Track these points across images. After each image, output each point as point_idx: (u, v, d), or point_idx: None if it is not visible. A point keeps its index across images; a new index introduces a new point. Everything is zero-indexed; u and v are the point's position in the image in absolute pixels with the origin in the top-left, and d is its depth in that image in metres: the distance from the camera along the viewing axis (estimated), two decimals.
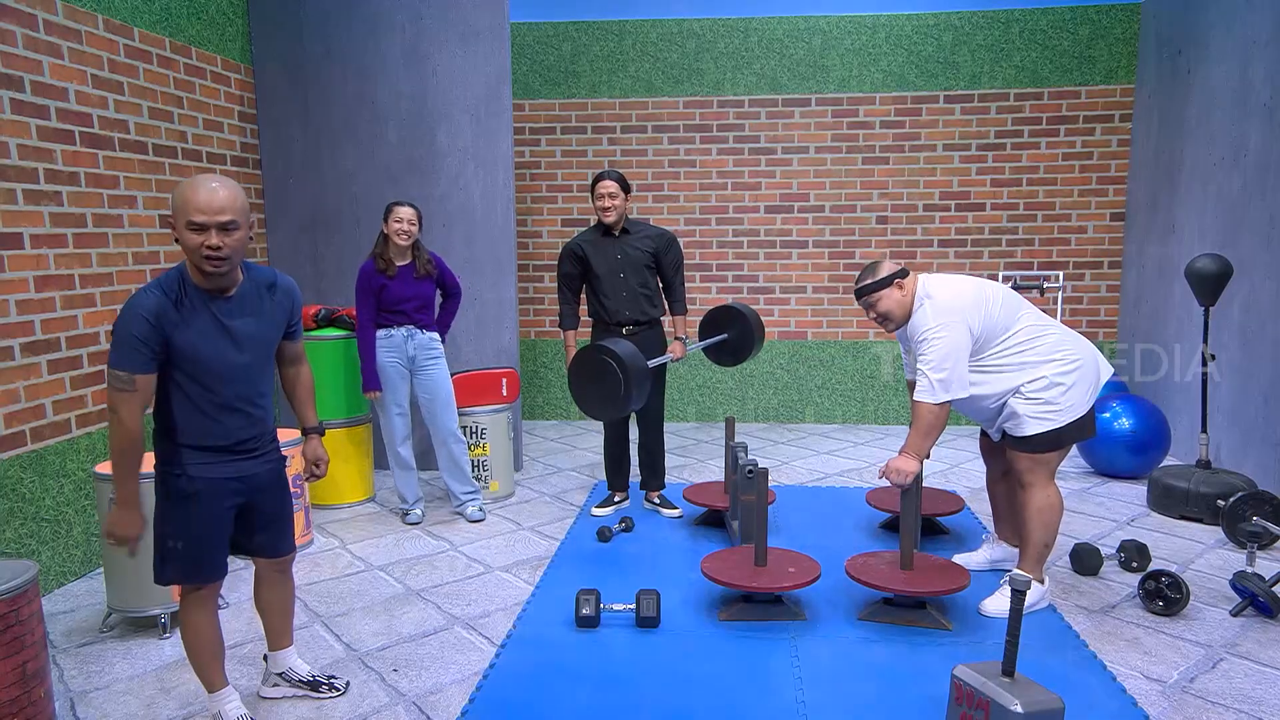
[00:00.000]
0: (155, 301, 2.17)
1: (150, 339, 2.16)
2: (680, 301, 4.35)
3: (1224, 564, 3.75)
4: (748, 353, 4.50)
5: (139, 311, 2.15)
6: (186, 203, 2.13)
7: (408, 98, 5.09)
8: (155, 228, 4.24)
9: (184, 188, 2.16)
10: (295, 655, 2.80)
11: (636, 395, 3.52)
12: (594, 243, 4.23)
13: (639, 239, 4.22)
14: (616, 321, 4.22)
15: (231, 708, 2.51)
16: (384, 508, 4.71)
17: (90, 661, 2.99)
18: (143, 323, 2.15)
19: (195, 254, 2.16)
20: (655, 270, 4.27)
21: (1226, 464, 4.84)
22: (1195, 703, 2.65)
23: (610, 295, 4.20)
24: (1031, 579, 2.51)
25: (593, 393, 3.58)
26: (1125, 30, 6.13)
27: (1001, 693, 2.27)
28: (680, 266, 4.32)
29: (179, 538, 2.33)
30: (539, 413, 6.87)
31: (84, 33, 3.78)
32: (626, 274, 4.19)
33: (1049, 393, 3.11)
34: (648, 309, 4.24)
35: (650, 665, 2.90)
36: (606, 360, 3.49)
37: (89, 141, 3.81)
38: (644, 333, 4.24)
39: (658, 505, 4.51)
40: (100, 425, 3.86)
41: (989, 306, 3.15)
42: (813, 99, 6.38)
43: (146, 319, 2.15)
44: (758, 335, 4.48)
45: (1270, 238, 4.59)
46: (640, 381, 3.53)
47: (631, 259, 4.19)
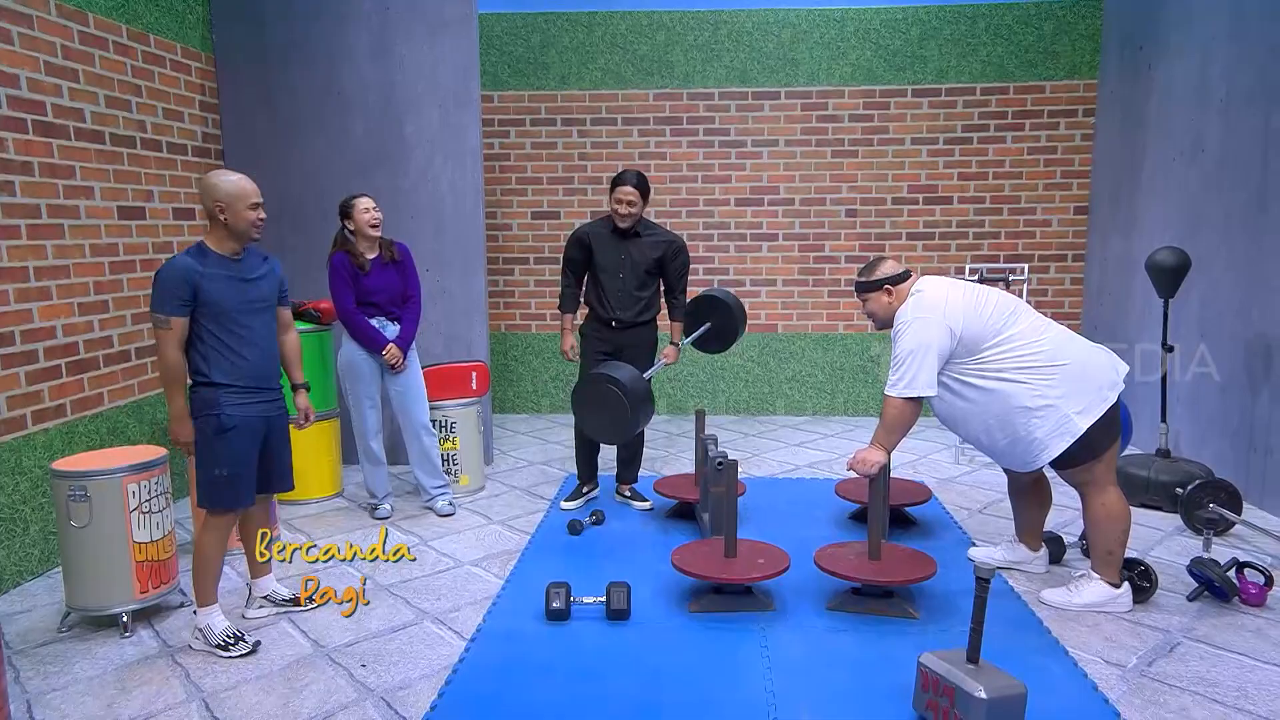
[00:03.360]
0: (185, 262, 2.85)
1: (181, 289, 2.82)
2: (680, 308, 4.35)
3: (1182, 550, 3.82)
4: (734, 336, 4.50)
5: (173, 269, 2.83)
6: (244, 191, 2.90)
7: (375, 88, 5.02)
8: (114, 219, 4.14)
9: (232, 182, 2.89)
10: (274, 580, 3.33)
11: (643, 418, 3.65)
12: (602, 236, 4.22)
13: (648, 243, 4.20)
14: (611, 318, 4.22)
15: (219, 619, 3.01)
16: (353, 503, 4.66)
17: (48, 662, 2.93)
18: (177, 276, 2.82)
19: (250, 226, 2.93)
20: (658, 274, 4.26)
21: (1185, 453, 4.95)
22: (1154, 686, 2.70)
23: (607, 291, 4.20)
24: (995, 569, 2.53)
25: (599, 420, 3.70)
26: (1088, 26, 6.21)
27: (966, 679, 2.30)
28: (685, 273, 4.31)
29: (224, 466, 2.94)
30: (509, 406, 6.83)
31: (35, 18, 3.68)
32: (625, 275, 4.18)
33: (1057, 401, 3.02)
34: (642, 311, 4.24)
35: (620, 658, 2.90)
36: (611, 390, 3.59)
37: (42, 130, 3.71)
38: (635, 330, 4.24)
39: (629, 498, 4.51)
40: (56, 422, 3.79)
41: (981, 307, 3.10)
42: (782, 92, 6.40)
43: (179, 273, 2.82)
44: (740, 318, 4.48)
45: (1228, 232, 4.68)
46: (645, 406, 3.64)
47: (635, 261, 4.18)
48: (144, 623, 3.21)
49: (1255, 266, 4.43)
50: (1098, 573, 3.21)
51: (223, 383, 2.92)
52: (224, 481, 2.95)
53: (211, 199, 2.89)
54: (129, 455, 3.27)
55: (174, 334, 2.86)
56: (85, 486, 3.05)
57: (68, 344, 3.85)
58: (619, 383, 3.56)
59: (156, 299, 2.85)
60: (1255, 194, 4.46)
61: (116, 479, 3.09)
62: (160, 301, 2.85)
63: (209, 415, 2.91)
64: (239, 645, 2.96)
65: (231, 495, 2.99)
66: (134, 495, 3.12)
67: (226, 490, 2.97)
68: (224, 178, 2.90)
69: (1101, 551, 3.18)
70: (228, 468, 2.95)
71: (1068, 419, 3.03)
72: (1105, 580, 3.21)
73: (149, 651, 3.00)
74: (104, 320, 4.08)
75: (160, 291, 2.85)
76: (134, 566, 3.13)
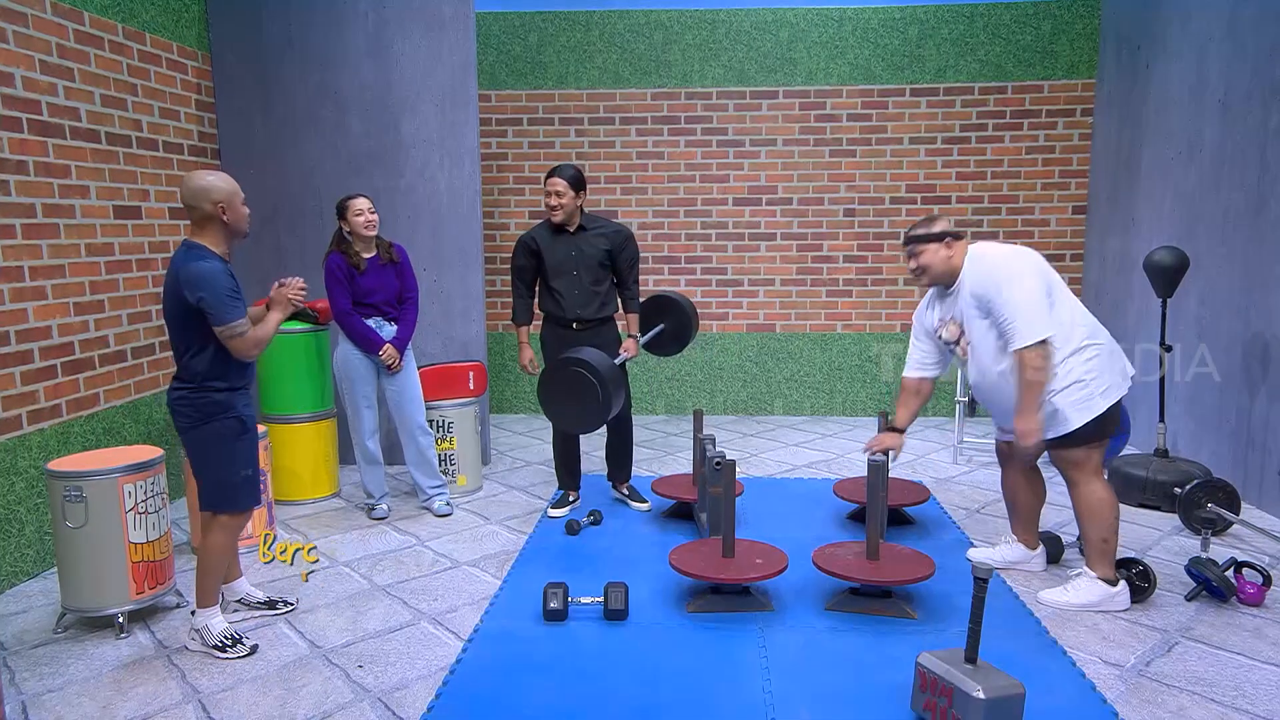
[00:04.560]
0: (219, 263, 2.81)
1: (236, 288, 2.81)
2: (634, 299, 4.28)
3: (1180, 550, 3.82)
4: (686, 338, 4.48)
5: (217, 273, 2.76)
6: (237, 188, 2.87)
7: (371, 88, 5.01)
8: (109, 218, 4.13)
9: (225, 179, 2.84)
10: (248, 583, 3.31)
11: (616, 400, 3.46)
12: (548, 238, 4.16)
13: (594, 236, 4.15)
14: (569, 318, 4.16)
15: (218, 620, 3.01)
16: (349, 503, 4.65)
17: (43, 663, 2.92)
18: (228, 279, 2.80)
19: (246, 222, 2.91)
20: (610, 267, 4.20)
21: (1184, 452, 4.95)
22: (1152, 686, 2.70)
23: (563, 292, 4.14)
24: (993, 569, 2.48)
25: (570, 409, 3.50)
26: (1086, 25, 6.21)
27: (964, 679, 2.30)
28: (635, 264, 4.24)
29: (249, 466, 2.97)
30: (506, 406, 6.82)
31: (30, 16, 3.67)
32: (580, 272, 4.13)
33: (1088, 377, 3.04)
34: (601, 308, 4.18)
35: (618, 658, 2.89)
36: (579, 372, 3.41)
37: (38, 129, 3.69)
38: (597, 329, 4.20)
39: (626, 497, 4.50)
40: (52, 422, 3.77)
41: (1047, 273, 3.10)
42: (780, 91, 6.39)
43: (224, 274, 2.78)
44: (693, 318, 4.48)
45: (1225, 231, 4.68)
46: (617, 386, 3.47)
47: (585, 256, 4.12)
48: (140, 623, 3.20)
49: (1253, 265, 4.43)
50: (1093, 568, 3.21)
51: (239, 385, 2.94)
52: (247, 482, 2.97)
53: (210, 199, 2.82)
54: (125, 455, 3.25)
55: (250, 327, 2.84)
56: (81, 487, 3.04)
57: (63, 344, 3.84)
58: (587, 364, 3.40)
59: (224, 308, 2.74)
60: (1253, 193, 4.45)
61: (112, 479, 3.07)
62: (230, 309, 2.76)
63: (229, 418, 2.90)
64: (237, 647, 2.95)
65: (252, 495, 3.02)
66: (130, 495, 3.11)
67: (249, 491, 2.99)
68: (215, 177, 2.85)
69: (1097, 541, 3.17)
70: (250, 467, 2.98)
71: (1092, 396, 3.06)
72: (1101, 578, 3.20)
73: (145, 652, 2.98)
74: (99, 320, 4.07)
75: (224, 298, 2.75)
76: (130, 567, 3.12)
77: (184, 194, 2.84)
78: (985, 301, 3.09)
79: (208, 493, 2.95)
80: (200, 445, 2.90)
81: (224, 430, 2.90)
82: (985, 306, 3.10)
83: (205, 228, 2.85)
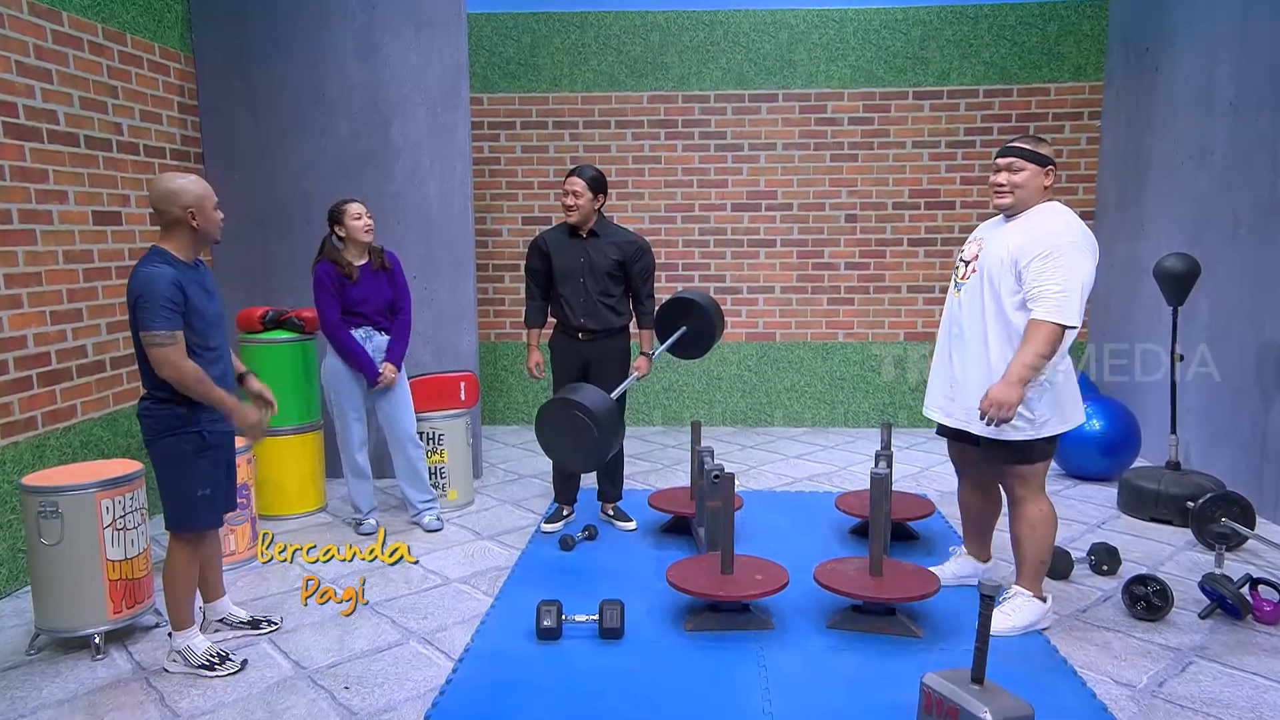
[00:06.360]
0: (169, 270, 2.70)
1: (177, 298, 2.68)
2: (649, 315, 4.14)
3: (1193, 566, 3.73)
4: (712, 339, 4.19)
5: (161, 278, 2.66)
6: (209, 191, 2.81)
7: (360, 90, 4.92)
8: (88, 224, 4.03)
9: (197, 183, 2.78)
10: (231, 603, 3.23)
11: (613, 444, 3.38)
12: (560, 240, 4.07)
13: (605, 244, 4.03)
14: (576, 327, 4.06)
15: (199, 640, 2.94)
16: (336, 518, 4.55)
17: (15, 686, 2.83)
18: (171, 287, 2.66)
19: (218, 229, 2.85)
20: (622, 278, 4.09)
21: (1196, 465, 4.85)
22: (1165, 707, 2.63)
23: (569, 299, 4.05)
24: (1000, 585, 2.39)
25: (567, 446, 3.41)
26: (1093, 27, 6.13)
27: (971, 700, 2.26)
28: (649, 277, 4.12)
29: (207, 485, 2.86)
30: (499, 418, 6.72)
31: (7, 16, 3.58)
32: (587, 280, 4.02)
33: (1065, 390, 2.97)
34: (609, 318, 4.06)
35: (614, 678, 2.84)
36: (577, 416, 3.31)
37: (13, 132, 3.60)
38: (603, 341, 4.08)
39: (612, 517, 4.35)
40: (27, 435, 3.67)
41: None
42: (780, 94, 6.31)
43: (170, 282, 2.67)
44: (718, 319, 4.16)
45: (1236, 236, 4.60)
46: (615, 430, 3.37)
47: (595, 264, 4.01)
48: (117, 644, 3.11)
49: (1266, 271, 4.34)
50: (1026, 587, 3.13)
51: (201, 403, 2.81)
52: (206, 501, 2.87)
53: (180, 204, 2.74)
54: (102, 470, 3.17)
55: (180, 346, 2.71)
56: (57, 503, 2.95)
57: (39, 354, 3.74)
58: (584, 408, 3.30)
59: (152, 314, 2.65)
60: (1265, 197, 4.37)
61: (89, 495, 2.99)
62: (159, 317, 2.65)
63: (189, 432, 2.80)
64: (226, 664, 2.89)
65: (212, 515, 2.93)
66: (108, 511, 3.03)
67: (208, 510, 2.89)
68: (186, 180, 2.78)
69: (1035, 561, 3.10)
70: (210, 487, 2.87)
71: (1062, 409, 3.00)
72: (1035, 595, 3.13)
73: (122, 674, 2.91)
74: (77, 329, 3.97)
75: (157, 305, 2.65)
76: (107, 586, 3.04)
77: (152, 197, 2.76)
78: (1039, 254, 2.79)
79: (166, 509, 2.87)
80: (160, 459, 2.82)
81: (182, 446, 2.80)
82: (1032, 258, 2.81)
83: (173, 232, 2.78)
